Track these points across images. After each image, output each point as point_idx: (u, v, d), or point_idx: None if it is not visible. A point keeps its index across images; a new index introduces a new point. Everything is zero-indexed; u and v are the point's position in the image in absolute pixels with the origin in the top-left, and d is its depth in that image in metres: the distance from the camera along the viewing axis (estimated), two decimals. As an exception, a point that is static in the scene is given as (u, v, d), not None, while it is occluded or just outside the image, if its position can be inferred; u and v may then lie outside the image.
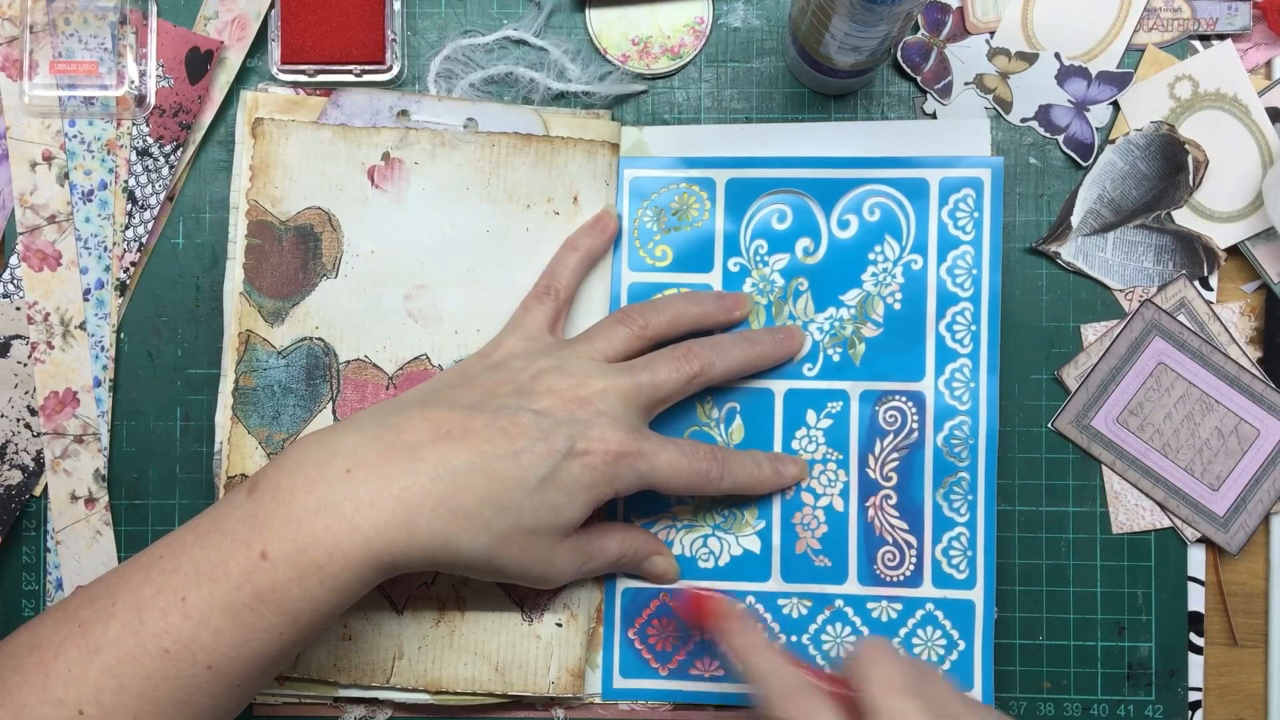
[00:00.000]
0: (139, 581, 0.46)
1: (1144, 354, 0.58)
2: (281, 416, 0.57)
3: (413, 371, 0.58)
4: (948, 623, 0.57)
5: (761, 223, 0.58)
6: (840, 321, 0.58)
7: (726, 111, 0.60)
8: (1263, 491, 0.58)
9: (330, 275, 0.58)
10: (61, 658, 0.44)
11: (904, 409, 0.58)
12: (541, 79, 0.59)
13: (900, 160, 0.58)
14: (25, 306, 0.58)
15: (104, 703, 0.44)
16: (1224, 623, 0.59)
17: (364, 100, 0.58)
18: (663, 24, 0.59)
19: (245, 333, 0.57)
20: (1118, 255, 0.59)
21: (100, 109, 0.58)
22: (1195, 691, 0.58)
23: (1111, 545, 0.59)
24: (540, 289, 0.56)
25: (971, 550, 0.57)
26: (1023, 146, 0.59)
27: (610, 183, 0.58)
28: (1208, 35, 0.59)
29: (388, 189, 0.58)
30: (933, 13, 0.59)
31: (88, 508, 0.59)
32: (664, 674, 0.58)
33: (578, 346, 0.54)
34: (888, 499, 0.58)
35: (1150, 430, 0.58)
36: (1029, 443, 0.59)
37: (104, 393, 0.59)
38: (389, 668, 0.57)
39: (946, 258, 0.58)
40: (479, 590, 0.57)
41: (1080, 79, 0.59)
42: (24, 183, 0.58)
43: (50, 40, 0.58)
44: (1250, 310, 0.59)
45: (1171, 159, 0.58)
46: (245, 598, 0.45)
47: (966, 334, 0.58)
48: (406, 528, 0.46)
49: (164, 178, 0.59)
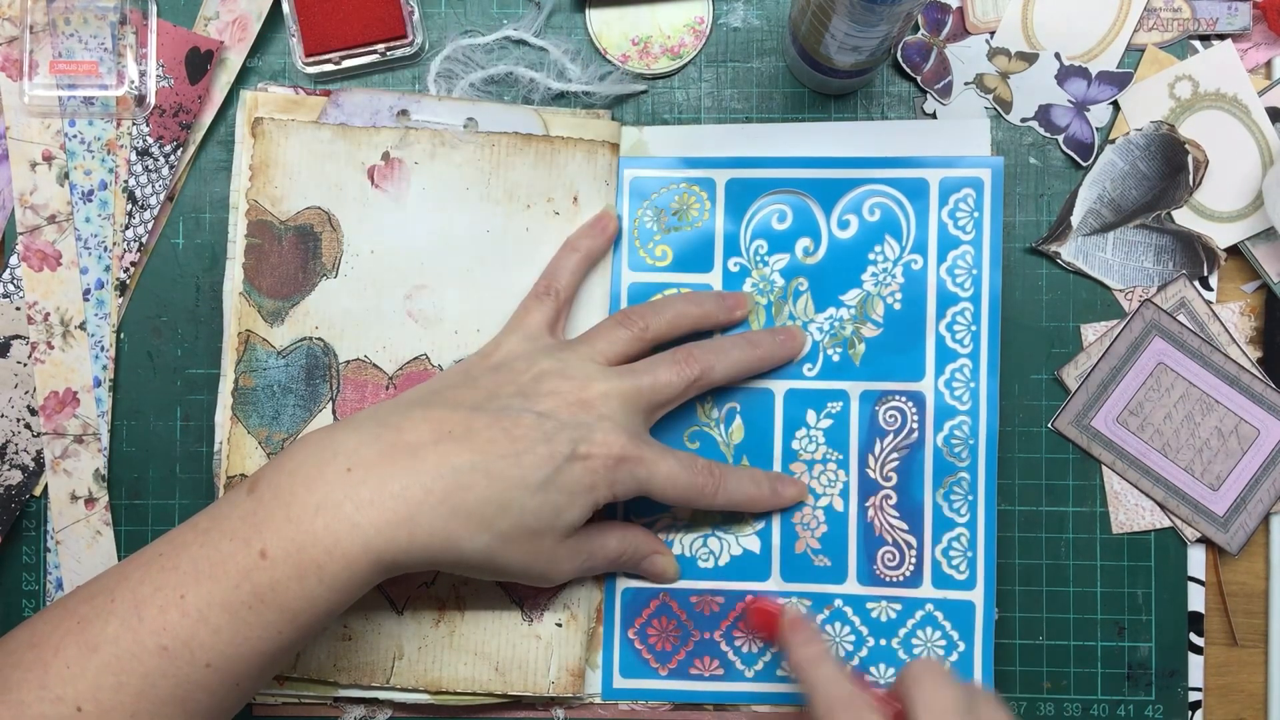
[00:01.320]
0: (138, 579, 0.46)
1: (1144, 354, 0.58)
2: (281, 416, 0.57)
3: (412, 371, 0.58)
4: (947, 623, 0.57)
5: (761, 223, 0.58)
6: (840, 321, 0.58)
7: (726, 111, 0.60)
8: (1263, 491, 0.58)
9: (330, 275, 0.58)
10: (60, 655, 0.44)
11: (904, 409, 0.58)
12: (541, 79, 0.59)
13: (900, 160, 0.58)
14: (25, 306, 0.58)
15: (102, 700, 0.44)
16: (1224, 623, 0.59)
17: (364, 100, 0.58)
18: (663, 24, 0.59)
19: (245, 333, 0.57)
20: (1118, 255, 0.59)
21: (100, 109, 0.58)
22: (1195, 691, 0.58)
23: (1111, 545, 0.59)
24: (540, 289, 0.56)
25: (971, 550, 0.57)
26: (1023, 146, 0.59)
27: (610, 183, 0.58)
28: (1208, 35, 0.59)
29: (388, 189, 0.58)
30: (933, 13, 0.59)
31: (88, 508, 0.59)
32: (664, 674, 0.58)
33: (579, 348, 0.54)
34: (888, 499, 0.58)
35: (1150, 430, 0.58)
36: (1029, 443, 0.59)
37: (104, 393, 0.59)
38: (389, 668, 0.57)
39: (946, 258, 0.58)
40: (479, 590, 0.57)
41: (1080, 79, 0.59)
42: (24, 183, 0.58)
43: (50, 40, 0.58)
44: (1250, 310, 0.59)
45: (1171, 159, 0.58)
46: (244, 596, 0.45)
47: (966, 334, 0.58)
48: (407, 527, 0.46)
49: (164, 178, 0.59)
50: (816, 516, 0.58)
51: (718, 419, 0.58)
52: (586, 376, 0.51)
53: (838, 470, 0.58)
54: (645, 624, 0.58)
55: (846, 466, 0.58)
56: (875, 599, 0.58)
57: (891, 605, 0.57)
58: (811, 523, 0.58)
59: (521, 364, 0.52)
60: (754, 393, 0.58)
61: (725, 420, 0.58)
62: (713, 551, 0.58)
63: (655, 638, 0.58)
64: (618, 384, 0.52)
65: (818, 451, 0.58)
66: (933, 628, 0.57)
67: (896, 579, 0.58)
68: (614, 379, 0.52)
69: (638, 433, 0.52)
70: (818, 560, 0.58)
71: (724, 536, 0.58)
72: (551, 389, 0.51)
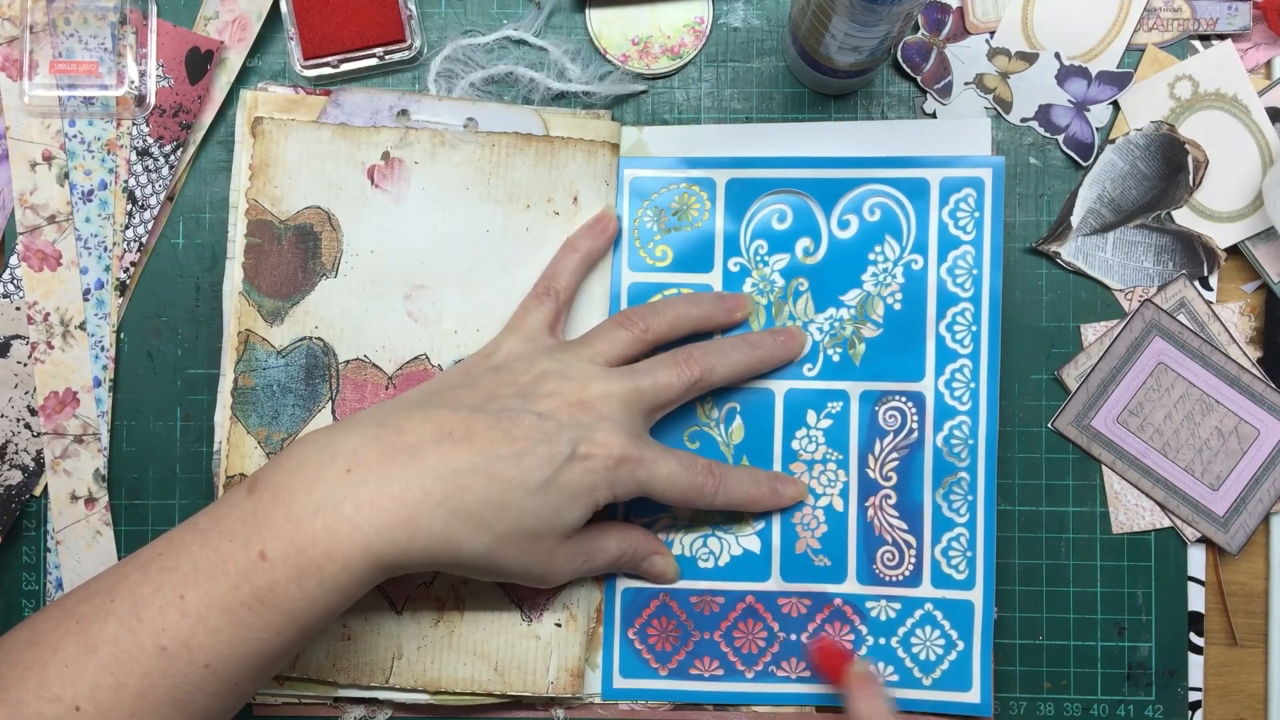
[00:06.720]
0: (137, 579, 0.46)
1: (1144, 354, 0.58)
2: (281, 416, 0.57)
3: (412, 371, 0.58)
4: (946, 623, 0.57)
5: (761, 223, 0.58)
6: (840, 321, 0.58)
7: (726, 111, 0.60)
8: (1263, 491, 0.58)
9: (330, 275, 0.58)
10: (59, 654, 0.44)
11: (904, 409, 0.58)
12: (541, 79, 0.59)
13: (900, 160, 0.58)
14: (25, 306, 0.58)
15: (101, 700, 0.44)
16: (1224, 623, 0.59)
17: (364, 99, 0.58)
18: (663, 24, 0.59)
19: (244, 332, 0.57)
20: (1118, 255, 0.59)
21: (100, 109, 0.58)
22: (1195, 691, 0.58)
23: (1111, 545, 0.59)
24: (540, 290, 0.56)
25: (971, 550, 0.57)
26: (1023, 146, 0.59)
27: (610, 183, 0.58)
28: (1208, 35, 0.59)
29: (387, 189, 0.58)
30: (933, 13, 0.59)
31: (88, 508, 0.59)
32: (664, 674, 0.58)
33: (579, 349, 0.54)
34: (887, 499, 0.58)
35: (1150, 430, 0.58)
36: (1029, 443, 0.59)
37: (104, 393, 0.59)
38: (388, 668, 0.57)
39: (947, 258, 0.58)
40: (478, 590, 0.57)
41: (1080, 79, 0.59)
42: (24, 183, 0.58)
43: (50, 40, 0.58)
44: (1250, 310, 0.59)
45: (1171, 159, 0.58)
46: (243, 597, 0.44)
47: (966, 334, 0.58)
48: (407, 528, 0.46)
49: (164, 178, 0.59)
50: (816, 516, 0.58)
51: (718, 419, 0.58)
52: (586, 377, 0.51)
53: (838, 470, 0.58)
54: (645, 624, 0.58)
55: (846, 466, 0.58)
56: (875, 598, 0.58)
57: (891, 605, 0.57)
58: (811, 523, 0.58)
59: (521, 365, 0.52)
60: (754, 393, 0.58)
61: (725, 420, 0.58)
62: (713, 551, 0.58)
63: (655, 638, 0.58)
64: (618, 385, 0.52)
65: (818, 451, 0.58)
66: (932, 627, 0.57)
67: (896, 579, 0.58)
68: (614, 380, 0.52)
69: (638, 433, 0.52)
70: (818, 560, 0.58)
71: (724, 536, 0.58)
72: (551, 390, 0.51)
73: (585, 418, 0.50)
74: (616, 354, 0.54)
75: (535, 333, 0.55)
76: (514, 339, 0.55)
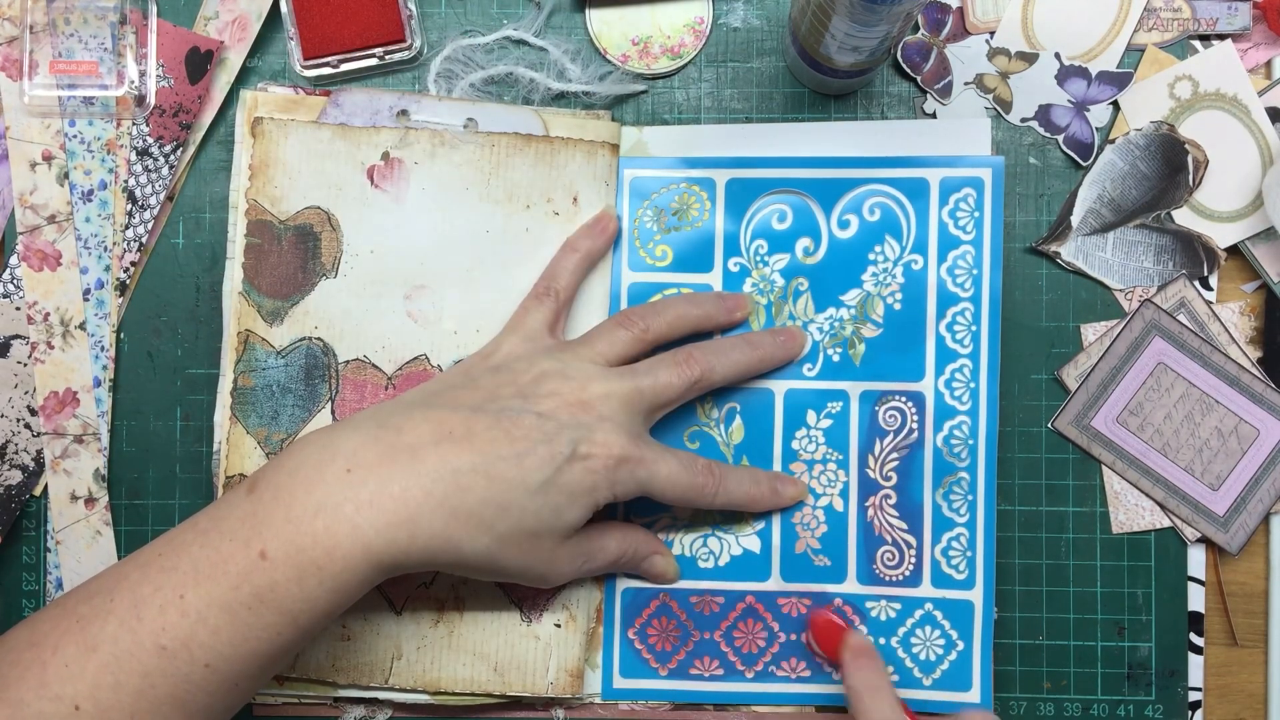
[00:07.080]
0: (137, 579, 0.46)
1: (1144, 354, 0.58)
2: (280, 416, 0.57)
3: (412, 371, 0.58)
4: (946, 623, 0.57)
5: (761, 223, 0.58)
6: (840, 321, 0.58)
7: (726, 111, 0.60)
8: (1263, 491, 0.58)
9: (329, 275, 0.58)
10: (59, 654, 0.44)
11: (904, 409, 0.58)
12: (541, 79, 0.59)
13: (900, 160, 0.58)
14: (25, 306, 0.58)
15: (101, 699, 0.44)
16: (1224, 623, 0.59)
17: (364, 100, 0.58)
18: (663, 24, 0.59)
19: (244, 332, 0.57)
20: (1118, 255, 0.59)
21: (100, 109, 0.58)
22: (1195, 691, 0.58)
23: (1111, 545, 0.59)
24: (540, 290, 0.56)
25: (971, 550, 0.57)
26: (1023, 146, 0.59)
27: (610, 183, 0.58)
28: (1208, 35, 0.59)
29: (387, 189, 0.58)
30: (933, 13, 0.59)
31: (88, 508, 0.59)
32: (664, 674, 0.58)
33: (579, 349, 0.54)
34: (887, 499, 0.58)
35: (1150, 430, 0.58)
36: (1029, 443, 0.59)
37: (104, 393, 0.59)
38: (388, 668, 0.57)
39: (947, 258, 0.58)
40: (477, 590, 0.57)
41: (1080, 79, 0.59)
42: (24, 183, 0.58)
43: (50, 40, 0.58)
44: (1250, 310, 0.59)
45: (1171, 159, 0.58)
46: (243, 597, 0.44)
47: (966, 334, 0.58)
48: (407, 528, 0.46)
49: (164, 178, 0.59)
50: (816, 516, 0.58)
51: (718, 419, 0.58)
52: (587, 377, 0.51)
53: (837, 470, 0.58)
54: (645, 624, 0.58)
55: (846, 466, 0.58)
56: (875, 598, 0.58)
57: (891, 604, 0.57)
58: (811, 522, 0.58)
59: (522, 365, 0.52)
60: (754, 393, 0.58)
61: (725, 420, 0.58)
62: (713, 551, 0.58)
63: (655, 638, 0.58)
64: (618, 385, 0.52)
65: (818, 451, 0.58)
66: (932, 627, 0.57)
67: (896, 578, 0.58)
68: (614, 380, 0.52)
69: (638, 433, 0.52)
70: (818, 560, 0.58)
71: (724, 536, 0.58)
72: (552, 390, 0.51)
73: (585, 418, 0.50)
74: (616, 354, 0.54)
75: (535, 333, 0.55)
76: (514, 339, 0.55)
